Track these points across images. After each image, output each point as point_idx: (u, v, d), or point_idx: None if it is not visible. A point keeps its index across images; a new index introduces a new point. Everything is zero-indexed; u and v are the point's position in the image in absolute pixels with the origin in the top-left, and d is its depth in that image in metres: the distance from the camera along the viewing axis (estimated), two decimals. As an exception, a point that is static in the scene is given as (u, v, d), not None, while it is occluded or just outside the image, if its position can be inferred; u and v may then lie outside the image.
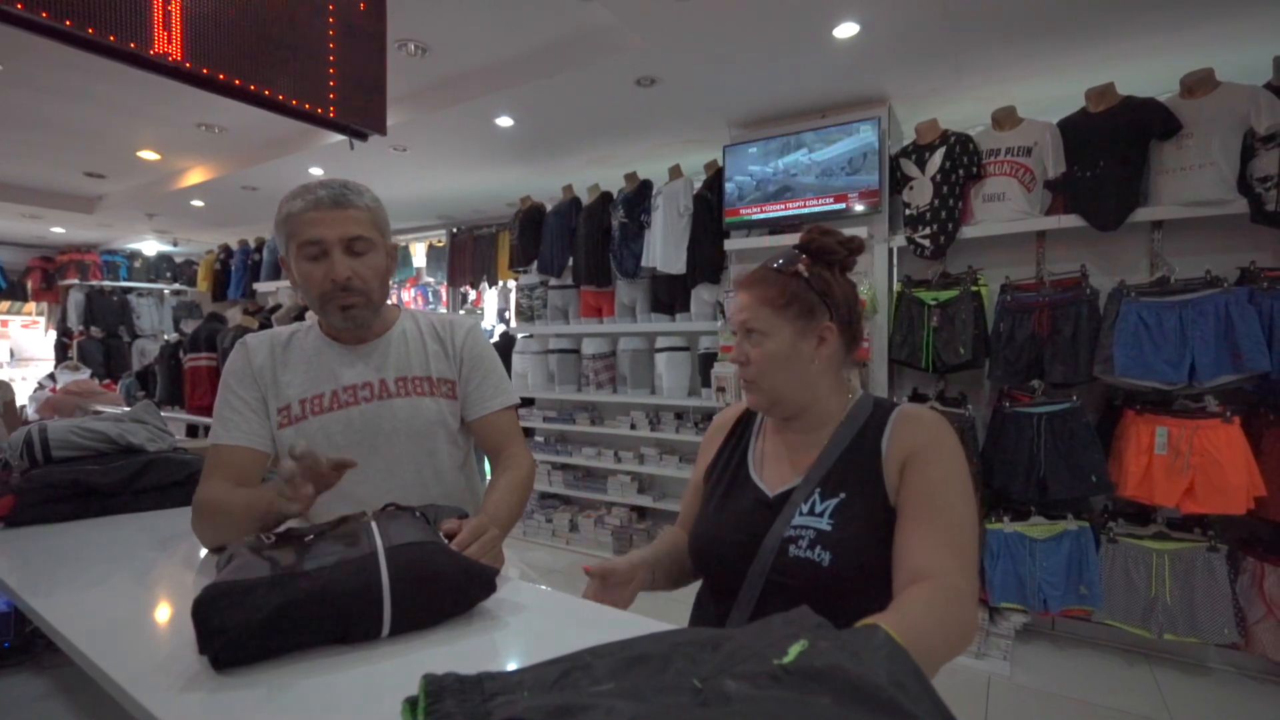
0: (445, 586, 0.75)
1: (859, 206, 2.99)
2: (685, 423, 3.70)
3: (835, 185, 3.04)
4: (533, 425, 4.32)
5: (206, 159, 4.45)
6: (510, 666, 0.57)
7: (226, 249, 6.28)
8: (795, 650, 0.43)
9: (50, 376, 4.98)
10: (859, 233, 2.79)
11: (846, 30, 2.42)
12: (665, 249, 3.46)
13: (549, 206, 4.15)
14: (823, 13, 2.31)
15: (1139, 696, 2.29)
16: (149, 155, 4.28)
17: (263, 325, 4.51)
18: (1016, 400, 2.65)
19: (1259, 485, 2.20)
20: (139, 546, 1.08)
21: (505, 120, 3.39)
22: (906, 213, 2.97)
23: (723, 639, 0.48)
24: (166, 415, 2.28)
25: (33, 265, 7.31)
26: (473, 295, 5.97)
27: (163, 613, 0.82)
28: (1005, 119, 2.80)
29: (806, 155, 3.11)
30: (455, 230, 5.50)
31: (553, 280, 4.20)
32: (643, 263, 3.61)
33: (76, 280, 6.98)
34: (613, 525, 3.92)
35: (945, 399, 2.90)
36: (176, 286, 7.62)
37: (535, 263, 4.18)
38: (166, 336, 6.20)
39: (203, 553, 1.01)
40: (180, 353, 4.98)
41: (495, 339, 4.71)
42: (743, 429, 1.10)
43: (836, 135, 3.03)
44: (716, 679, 0.42)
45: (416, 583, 0.72)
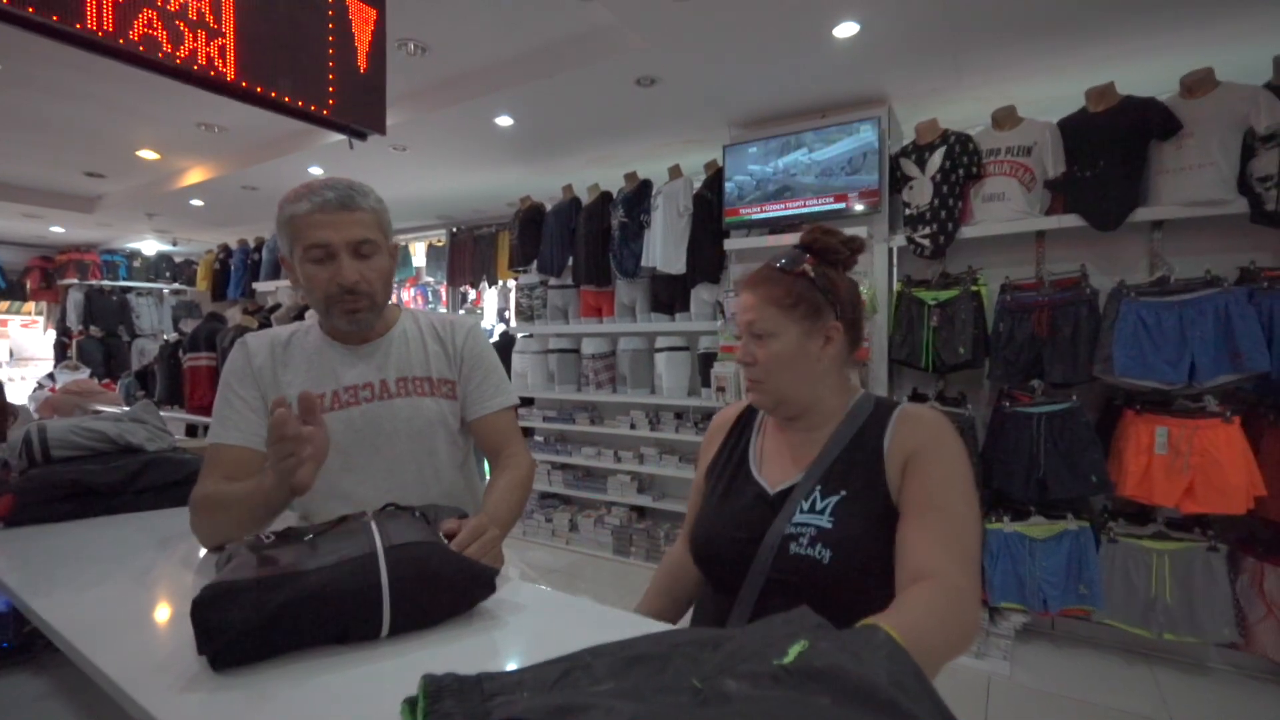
0: (445, 586, 0.75)
1: (859, 206, 2.99)
2: (685, 422, 3.70)
3: (835, 185, 3.04)
4: (532, 425, 4.32)
5: (206, 159, 4.44)
6: (510, 666, 0.57)
7: (226, 249, 6.28)
8: (795, 650, 0.43)
9: (49, 376, 4.96)
10: (859, 232, 2.78)
11: (846, 30, 2.42)
12: (665, 249, 3.45)
13: (549, 206, 4.15)
14: (822, 12, 2.31)
15: (1139, 696, 2.29)
16: (149, 155, 4.28)
17: (262, 325, 4.50)
18: (1016, 400, 2.65)
19: (1259, 485, 2.20)
20: (138, 546, 1.08)
21: (505, 120, 3.39)
22: (906, 212, 2.97)
23: (722, 639, 0.48)
24: (166, 415, 2.28)
25: (32, 265, 7.31)
26: (472, 295, 5.97)
27: (162, 613, 0.82)
28: (1005, 119, 2.80)
29: (806, 155, 3.11)
30: (455, 230, 5.50)
31: (552, 280, 4.19)
32: (642, 262, 3.61)
33: (76, 280, 6.97)
34: (612, 525, 3.92)
35: (945, 399, 2.90)
36: (176, 286, 7.62)
37: (535, 262, 4.18)
38: (166, 336, 6.19)
39: (202, 553, 1.01)
40: (179, 352, 4.96)
41: (495, 339, 4.71)
42: (743, 426, 1.10)
43: (836, 135, 3.03)
44: (716, 679, 0.42)
45: (416, 583, 0.72)
